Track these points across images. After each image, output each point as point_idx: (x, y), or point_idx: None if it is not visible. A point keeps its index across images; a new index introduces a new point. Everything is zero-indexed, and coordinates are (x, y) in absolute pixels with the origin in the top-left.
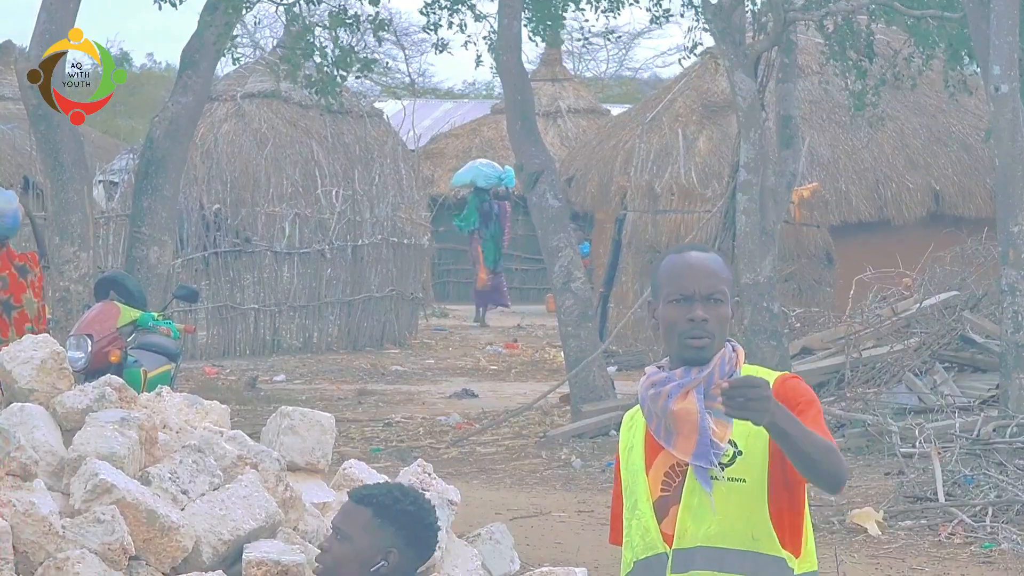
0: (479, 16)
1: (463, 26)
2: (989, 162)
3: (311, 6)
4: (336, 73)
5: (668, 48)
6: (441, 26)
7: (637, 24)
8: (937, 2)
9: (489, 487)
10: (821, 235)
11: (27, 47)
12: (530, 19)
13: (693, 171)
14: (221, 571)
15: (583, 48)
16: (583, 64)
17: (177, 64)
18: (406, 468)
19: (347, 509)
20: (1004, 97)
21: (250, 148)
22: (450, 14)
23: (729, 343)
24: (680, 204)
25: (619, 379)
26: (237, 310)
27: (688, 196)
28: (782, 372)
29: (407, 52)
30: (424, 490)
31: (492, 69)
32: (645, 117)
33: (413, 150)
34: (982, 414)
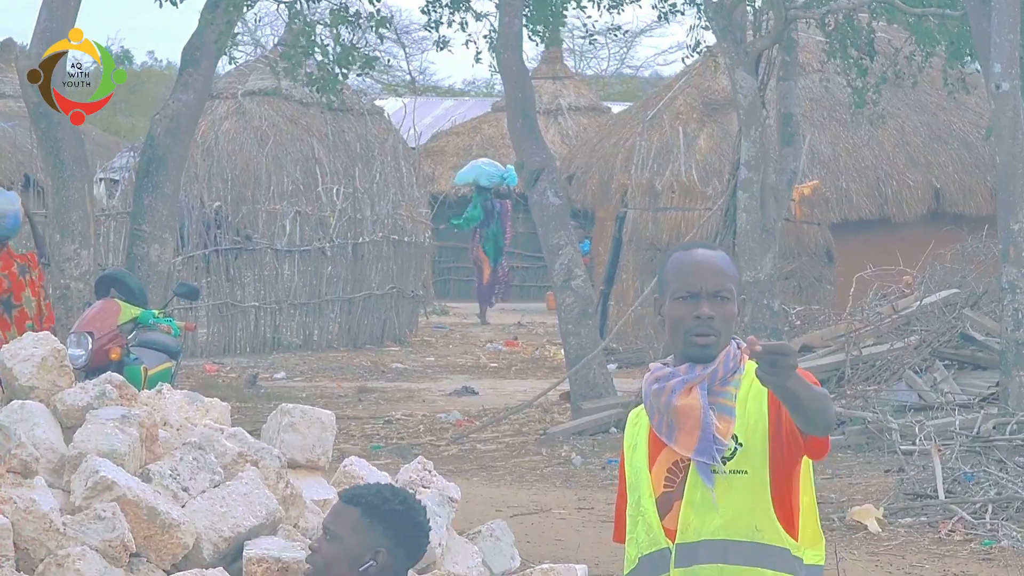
0: (480, 15)
1: (464, 24)
2: (990, 160)
3: (312, 4)
4: (337, 71)
5: (669, 47)
6: (442, 24)
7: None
8: (938, 0)
9: (489, 484)
10: (822, 233)
11: (28, 45)
12: (530, 18)
13: (694, 169)
14: (222, 568)
15: (587, 46)
16: (584, 62)
17: (178, 62)
18: (406, 465)
19: (337, 509)
20: (1005, 95)
21: (251, 146)
22: (451, 12)
23: (734, 340)
24: (681, 202)
25: (619, 377)
26: (238, 308)
27: (689, 194)
28: None
29: (408, 50)
30: (424, 487)
31: (492, 67)
32: (646, 115)
33: (414, 148)
34: (982, 411)
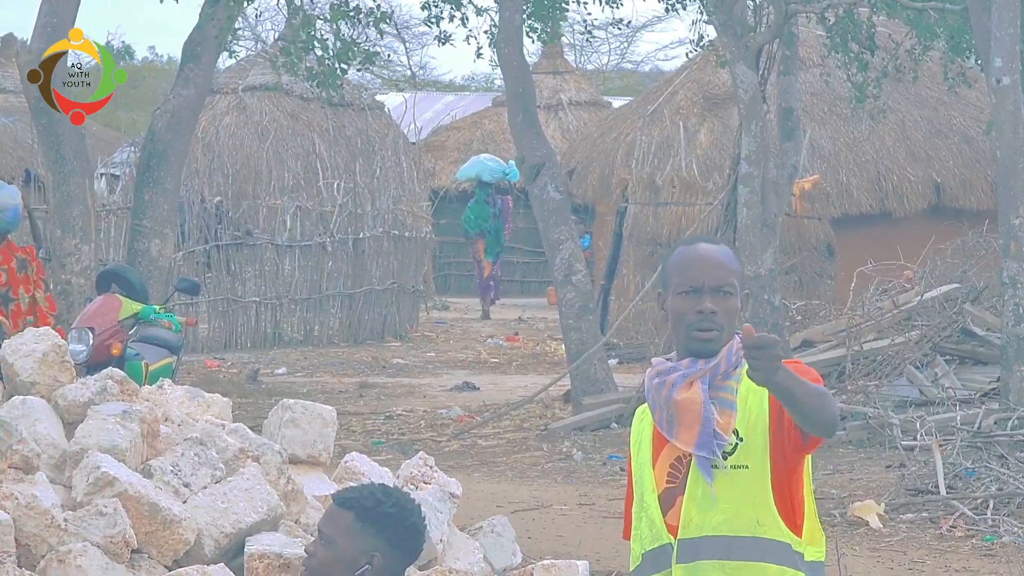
0: (480, 10)
1: (465, 19)
2: (990, 154)
3: None
4: (337, 66)
5: (670, 42)
6: (443, 19)
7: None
8: None
9: (490, 480)
10: (822, 227)
11: (29, 40)
12: (530, 14)
13: (694, 163)
14: (223, 564)
15: (586, 41)
16: (584, 57)
17: (179, 57)
18: (407, 461)
19: (330, 512)
20: (1005, 89)
21: (251, 141)
22: (452, 8)
23: (737, 335)
24: (681, 197)
25: (620, 372)
26: (238, 303)
27: (689, 189)
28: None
29: (408, 45)
30: (425, 483)
31: (493, 62)
32: (646, 110)
33: (414, 143)
34: (983, 407)
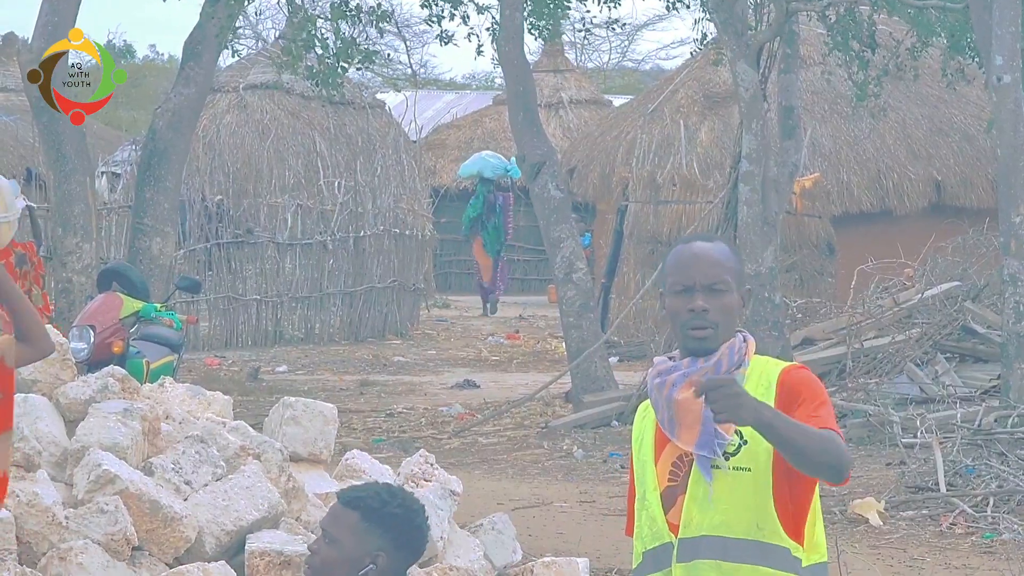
0: (481, 8)
1: (466, 18)
2: (991, 152)
3: None
4: (338, 65)
5: (672, 42)
6: (443, 18)
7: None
8: None
9: (491, 477)
10: (823, 225)
11: (30, 39)
12: (530, 12)
13: (695, 162)
14: (224, 561)
15: (585, 40)
16: (585, 55)
17: (179, 56)
18: (408, 458)
19: (335, 512)
20: (1006, 87)
21: (252, 139)
22: (452, 7)
23: (740, 333)
24: (682, 195)
25: (620, 370)
26: (239, 301)
27: (690, 187)
28: (789, 363)
29: (409, 43)
30: (426, 480)
31: (494, 60)
32: (647, 108)
33: (415, 141)
34: (983, 404)
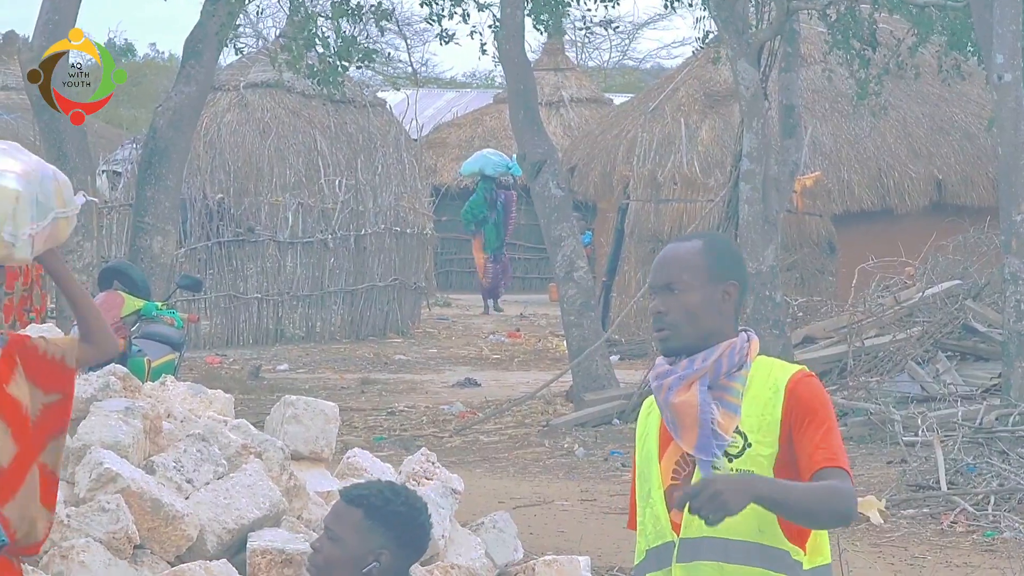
0: (482, 5)
1: (466, 16)
2: (992, 151)
3: None
4: (338, 63)
5: (672, 41)
6: (444, 17)
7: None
8: None
9: (492, 476)
10: (824, 224)
11: (30, 37)
12: (531, 9)
13: (696, 160)
14: (225, 560)
15: (585, 38)
16: (586, 54)
17: (180, 54)
18: (409, 457)
19: (338, 510)
20: (1007, 86)
21: (253, 138)
22: (452, 5)
23: (746, 332)
24: (683, 193)
25: (621, 368)
26: (240, 299)
27: (691, 185)
28: (797, 367)
29: (409, 42)
30: (428, 479)
31: (495, 58)
32: (648, 106)
33: (416, 140)
34: (984, 403)
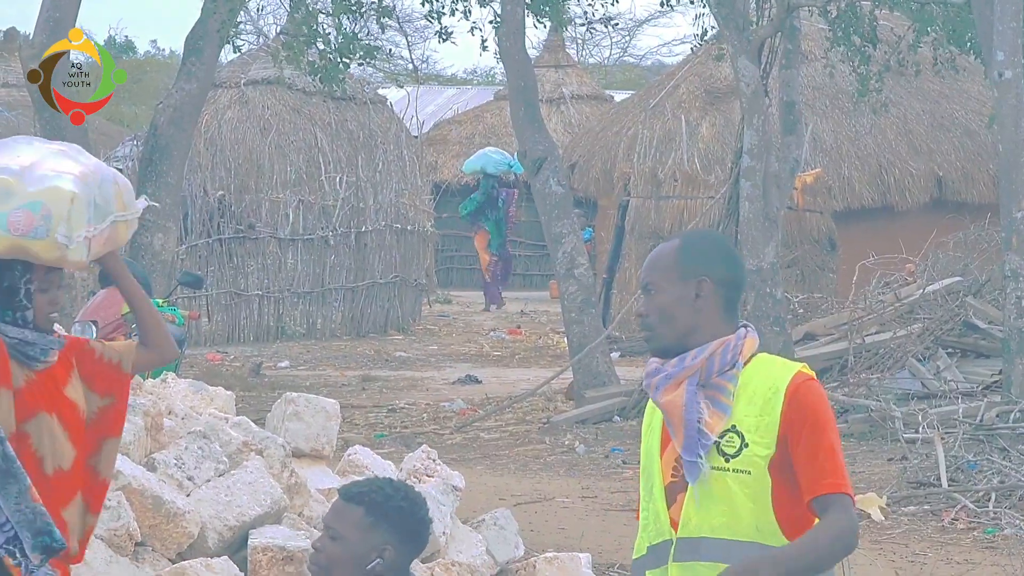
0: (483, 1)
1: (468, 12)
2: (992, 148)
3: None
4: (339, 60)
5: (673, 39)
6: (444, 14)
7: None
8: None
9: (493, 473)
10: (824, 221)
11: (31, 34)
12: (530, 6)
13: (696, 157)
14: (226, 557)
15: (587, 33)
16: (586, 51)
17: (181, 51)
18: (410, 454)
19: (338, 508)
20: (1007, 83)
21: (254, 135)
22: (453, 2)
23: (745, 327)
24: (683, 190)
25: (622, 365)
26: (241, 296)
27: (691, 182)
28: (796, 368)
29: (410, 39)
30: (428, 476)
31: (496, 55)
32: (648, 103)
33: (416, 137)
34: (985, 400)
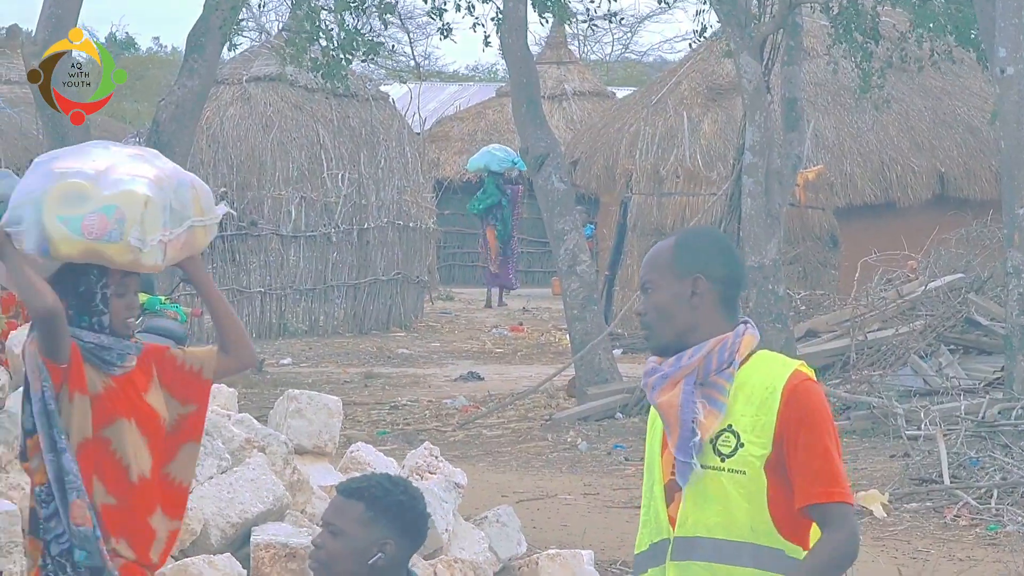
0: None
1: (471, 8)
2: (994, 144)
3: None
4: (342, 57)
5: (674, 35)
6: (446, 10)
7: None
8: None
9: (495, 470)
10: (826, 218)
11: (34, 31)
12: (533, 3)
13: (698, 154)
14: (229, 554)
15: (589, 29)
16: (588, 47)
17: (183, 48)
18: (412, 451)
19: (338, 504)
20: (1010, 79)
21: (256, 132)
22: None
23: (745, 324)
24: (685, 187)
25: (624, 362)
26: (243, 293)
27: (693, 179)
28: (794, 366)
29: (412, 35)
30: (431, 473)
31: (498, 52)
32: (650, 100)
33: (419, 133)
34: (987, 396)
